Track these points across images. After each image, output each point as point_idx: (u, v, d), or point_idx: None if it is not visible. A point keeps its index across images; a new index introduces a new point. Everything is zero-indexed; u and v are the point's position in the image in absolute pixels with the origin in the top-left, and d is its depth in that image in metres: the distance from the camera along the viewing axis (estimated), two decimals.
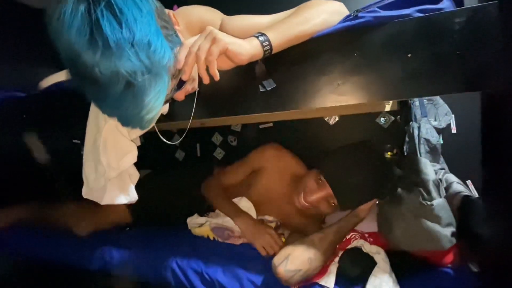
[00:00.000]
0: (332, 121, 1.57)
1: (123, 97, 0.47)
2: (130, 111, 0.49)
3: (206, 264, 0.86)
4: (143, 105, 0.49)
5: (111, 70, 0.44)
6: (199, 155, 1.92)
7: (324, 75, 0.59)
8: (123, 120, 0.52)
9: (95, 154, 0.68)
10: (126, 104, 0.48)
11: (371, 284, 0.67)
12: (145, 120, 0.52)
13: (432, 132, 1.28)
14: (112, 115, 0.51)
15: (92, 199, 0.73)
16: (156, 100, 0.50)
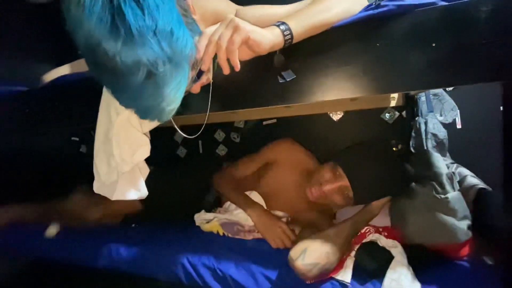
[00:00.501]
0: (336, 117, 1.56)
1: (143, 87, 0.45)
2: (150, 103, 0.48)
3: (218, 260, 0.85)
4: (164, 96, 0.48)
5: (132, 59, 0.42)
6: (201, 152, 1.90)
7: (345, 66, 0.58)
8: (142, 112, 0.50)
9: (107, 147, 0.66)
10: (146, 95, 0.46)
11: (389, 277, 0.66)
12: (165, 112, 0.50)
13: (439, 127, 1.28)
14: (130, 106, 0.50)
15: (103, 194, 0.71)
16: (177, 91, 0.49)
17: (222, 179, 1.11)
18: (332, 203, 0.90)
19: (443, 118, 1.34)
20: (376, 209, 0.85)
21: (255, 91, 0.65)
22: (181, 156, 1.97)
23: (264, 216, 0.93)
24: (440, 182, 0.82)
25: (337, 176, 0.85)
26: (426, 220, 0.76)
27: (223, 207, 1.15)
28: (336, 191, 0.86)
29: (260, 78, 0.64)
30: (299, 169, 1.04)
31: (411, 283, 0.64)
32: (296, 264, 0.71)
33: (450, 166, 0.91)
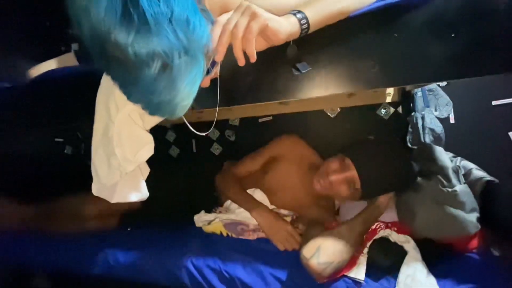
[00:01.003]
0: (333, 114, 1.57)
1: (157, 81, 0.42)
2: (163, 97, 0.44)
3: (224, 262, 0.82)
4: (178, 91, 0.44)
5: (146, 50, 0.39)
6: (195, 151, 1.86)
7: (361, 58, 0.56)
8: (153, 107, 0.46)
9: (107, 146, 0.61)
10: (160, 89, 0.42)
11: (404, 273, 0.65)
12: (178, 108, 0.47)
13: (436, 122, 1.30)
14: (140, 101, 0.46)
15: (103, 197, 0.66)
16: (192, 86, 0.45)
17: (225, 179, 1.08)
18: (338, 195, 0.89)
19: (438, 113, 1.36)
20: (383, 205, 0.84)
21: (266, 85, 0.62)
22: (173, 156, 1.92)
23: (270, 218, 0.91)
24: (446, 176, 0.82)
25: (345, 167, 0.84)
26: (435, 213, 0.76)
27: (224, 206, 1.12)
28: (343, 182, 0.84)
29: (271, 71, 0.61)
30: (304, 165, 1.03)
31: (426, 278, 0.64)
32: (311, 263, 0.69)
33: (453, 159, 0.92)
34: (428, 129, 1.26)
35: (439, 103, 1.39)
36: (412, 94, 1.37)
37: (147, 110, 0.48)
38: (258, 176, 1.07)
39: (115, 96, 0.60)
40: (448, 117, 1.40)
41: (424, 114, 1.28)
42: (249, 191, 1.03)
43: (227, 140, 1.74)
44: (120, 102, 0.60)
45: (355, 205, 0.96)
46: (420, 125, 1.28)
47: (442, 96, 1.38)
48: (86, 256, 0.95)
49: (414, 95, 1.36)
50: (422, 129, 1.27)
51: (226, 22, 0.48)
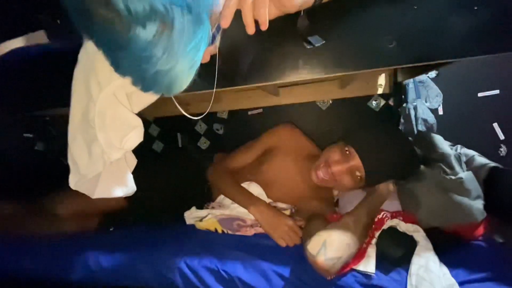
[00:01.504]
0: (324, 106, 1.55)
1: (153, 45, 0.34)
2: (160, 67, 0.36)
3: (221, 261, 0.75)
4: (178, 59, 0.36)
5: (143, 6, 0.31)
6: (181, 145, 1.77)
7: (378, 32, 0.51)
8: (147, 80, 0.38)
9: (87, 131, 0.52)
10: (157, 55, 0.35)
11: (417, 263, 0.62)
12: (178, 81, 0.39)
13: (428, 112, 1.31)
14: (131, 73, 0.38)
15: (82, 191, 0.57)
16: (196, 53, 0.38)
17: (218, 172, 1.01)
18: (339, 186, 0.85)
19: (429, 104, 1.38)
20: (385, 192, 0.81)
21: (272, 63, 0.56)
22: (157, 151, 1.82)
23: (269, 213, 0.85)
24: (449, 163, 0.81)
25: (347, 156, 0.80)
26: (441, 201, 0.74)
27: (216, 202, 1.05)
28: (346, 172, 0.80)
29: (277, 47, 0.55)
30: (301, 155, 0.98)
31: (439, 268, 0.61)
32: (318, 260, 0.63)
33: (452, 147, 0.91)
34: (421, 120, 1.26)
35: (429, 94, 1.40)
36: (404, 85, 1.37)
37: (138, 85, 0.40)
38: (253, 168, 1.01)
39: (97, 72, 0.51)
40: (437, 109, 1.43)
41: (417, 105, 1.29)
42: (244, 185, 0.96)
43: (215, 134, 1.68)
44: (103, 79, 0.51)
45: (354, 196, 0.93)
46: (413, 115, 1.29)
47: (432, 88, 1.40)
48: (62, 261, 0.84)
49: (406, 86, 1.36)
50: (415, 119, 1.28)
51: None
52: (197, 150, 1.68)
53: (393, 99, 1.45)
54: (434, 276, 0.59)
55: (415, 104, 1.30)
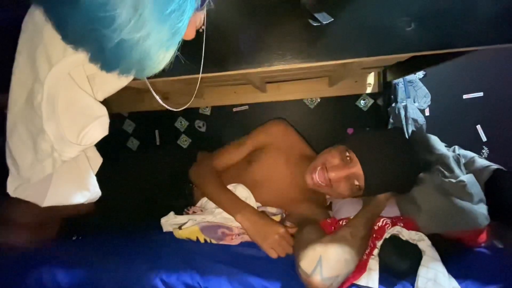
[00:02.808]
0: (312, 104, 1.51)
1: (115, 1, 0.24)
2: (127, 34, 0.26)
3: (203, 276, 0.65)
4: (153, 26, 0.26)
5: None
6: (159, 143, 1.66)
7: (394, 12, 0.44)
8: (110, 55, 0.27)
9: (32, 120, 0.40)
10: (122, 17, 0.25)
11: (424, 276, 0.56)
12: (152, 56, 0.29)
13: (418, 112, 1.28)
14: (85, 41, 0.27)
15: (26, 198, 0.44)
16: (178, 17, 0.28)
17: (202, 172, 0.90)
18: (334, 193, 0.78)
19: (417, 104, 1.36)
20: (384, 200, 0.75)
21: (269, 44, 0.47)
22: (132, 149, 1.69)
23: (257, 221, 0.76)
24: (447, 165, 0.76)
25: (347, 162, 0.72)
26: (442, 206, 0.69)
27: (198, 205, 0.94)
28: (343, 179, 0.73)
29: (276, 25, 0.46)
30: (293, 155, 0.90)
31: (449, 282, 0.55)
32: (314, 280, 0.55)
33: (449, 148, 0.88)
34: (411, 119, 1.23)
35: (418, 94, 1.38)
36: (393, 85, 1.34)
37: (97, 61, 0.29)
38: (240, 167, 0.91)
39: (46, 45, 0.39)
40: (424, 109, 1.42)
41: (407, 105, 1.26)
42: (230, 187, 0.86)
43: (196, 131, 1.59)
44: (54, 53, 0.39)
45: (349, 200, 0.86)
46: (403, 115, 1.26)
47: (420, 88, 1.39)
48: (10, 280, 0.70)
49: (396, 86, 1.33)
50: (405, 119, 1.25)
51: None
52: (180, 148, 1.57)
53: (382, 99, 1.43)
54: None
55: (405, 104, 1.27)
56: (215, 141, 1.47)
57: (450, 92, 1.42)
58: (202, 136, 1.59)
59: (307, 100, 1.50)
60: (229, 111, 1.54)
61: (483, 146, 1.44)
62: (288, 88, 1.45)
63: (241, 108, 1.55)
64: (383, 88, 1.38)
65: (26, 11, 0.48)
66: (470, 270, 0.60)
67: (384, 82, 1.37)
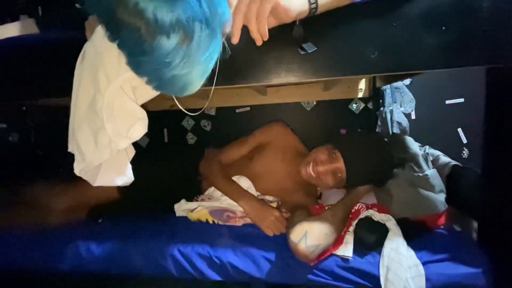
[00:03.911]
0: (308, 107, 1.63)
1: (174, 53, 0.39)
2: (177, 72, 0.41)
3: (213, 248, 0.80)
4: (194, 66, 0.41)
5: (170, 17, 0.36)
6: (167, 141, 1.78)
7: (363, 43, 0.58)
8: (163, 82, 0.43)
9: (94, 120, 0.55)
10: (176, 62, 0.40)
11: (388, 247, 0.71)
12: (190, 85, 0.44)
13: (402, 116, 1.43)
14: (150, 74, 0.42)
15: (85, 178, 0.60)
16: (208, 62, 0.43)
17: (211, 165, 1.06)
18: (322, 184, 0.93)
19: (403, 109, 1.50)
20: (361, 192, 0.91)
21: (269, 64, 0.62)
22: (142, 146, 1.81)
23: (257, 205, 0.91)
24: (417, 162, 0.91)
25: (333, 159, 0.88)
26: (410, 195, 0.83)
27: (206, 194, 1.09)
28: (329, 173, 0.89)
29: (275, 50, 0.61)
30: (289, 152, 1.05)
31: (407, 251, 0.70)
32: (300, 247, 0.71)
33: (421, 148, 1.02)
34: (396, 122, 1.38)
35: (404, 99, 1.53)
36: (381, 90, 1.48)
37: (154, 84, 0.44)
38: (243, 162, 1.07)
39: (105, 66, 0.54)
40: (410, 113, 1.55)
41: (392, 109, 1.40)
42: (234, 178, 1.02)
43: (202, 130, 1.69)
44: (111, 72, 0.54)
45: (336, 190, 1.01)
46: (389, 118, 1.40)
47: (406, 94, 1.52)
48: (53, 251, 0.85)
49: (383, 92, 1.47)
50: (391, 122, 1.39)
51: (239, 1, 0.47)
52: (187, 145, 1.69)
53: (372, 103, 1.56)
54: (402, 257, 0.68)
55: (391, 108, 1.41)
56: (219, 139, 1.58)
57: (433, 97, 1.53)
58: (207, 135, 1.68)
59: (304, 103, 1.61)
60: (232, 112, 1.64)
61: (463, 148, 1.55)
62: (286, 92, 1.56)
63: (244, 109, 1.66)
64: (373, 93, 1.51)
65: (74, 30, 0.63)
66: (427, 244, 0.75)
67: (373, 87, 1.50)
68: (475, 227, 0.81)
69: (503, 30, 0.55)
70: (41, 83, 0.74)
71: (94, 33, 0.56)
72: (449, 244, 0.74)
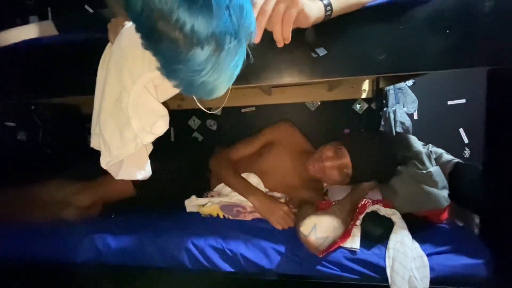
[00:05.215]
0: (313, 107, 1.66)
1: (206, 62, 0.43)
2: (206, 78, 0.45)
3: (226, 240, 0.83)
4: (221, 73, 0.45)
5: (206, 32, 0.40)
6: (173, 139, 1.81)
7: (371, 45, 0.62)
8: (193, 87, 0.47)
9: (119, 117, 0.59)
10: (206, 70, 0.43)
11: (394, 240, 0.75)
12: (217, 90, 0.48)
13: (405, 116, 1.46)
14: (182, 80, 0.46)
15: (110, 172, 0.63)
16: (234, 70, 0.47)
17: (221, 162, 1.09)
18: (329, 179, 0.97)
19: (406, 109, 1.54)
20: (368, 187, 0.94)
21: (281, 66, 0.65)
22: None
23: (266, 201, 0.95)
24: (421, 160, 0.94)
25: (339, 155, 0.92)
26: (414, 191, 0.87)
27: (215, 190, 1.13)
28: (336, 168, 0.92)
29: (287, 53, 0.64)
30: (297, 150, 1.10)
31: (411, 243, 0.74)
32: (310, 239, 0.74)
33: (424, 146, 1.06)
34: (399, 122, 1.41)
35: (407, 100, 1.56)
36: (385, 91, 1.52)
37: (182, 87, 0.48)
38: (252, 159, 1.10)
39: (129, 66, 0.58)
40: (412, 113, 1.59)
41: (396, 109, 1.44)
42: (244, 175, 1.05)
43: (208, 130, 1.72)
44: (135, 72, 0.58)
45: (341, 188, 1.05)
46: (392, 118, 1.44)
47: (409, 94, 1.56)
48: (70, 243, 0.88)
49: (387, 92, 1.51)
50: (394, 122, 1.43)
51: (264, 3, 0.50)
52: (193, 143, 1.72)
53: (375, 103, 1.60)
54: (407, 249, 0.71)
55: (394, 108, 1.45)
56: (225, 138, 1.61)
57: (436, 98, 1.56)
58: (213, 134, 1.71)
59: (308, 103, 1.64)
60: (238, 111, 1.66)
61: (465, 148, 1.58)
62: (291, 92, 1.59)
63: (249, 109, 1.68)
64: (376, 94, 1.55)
65: (95, 32, 0.66)
66: (431, 238, 0.78)
67: (377, 88, 1.54)
68: (476, 222, 0.85)
69: (505, 32, 0.59)
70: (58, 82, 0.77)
71: (120, 35, 0.60)
72: (452, 237, 0.78)
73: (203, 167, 1.19)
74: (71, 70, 0.75)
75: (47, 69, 0.77)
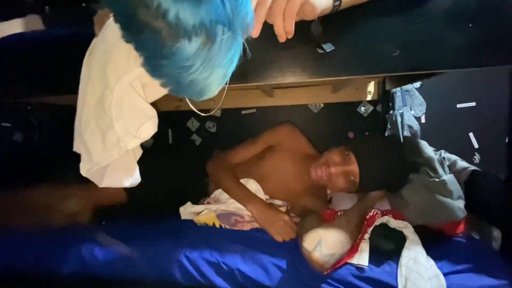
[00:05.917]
0: (315, 109, 1.61)
1: (194, 57, 0.37)
2: (196, 76, 0.38)
3: (221, 253, 0.76)
4: (213, 70, 0.39)
5: (193, 20, 0.34)
6: (171, 142, 1.76)
7: (383, 41, 0.56)
8: (182, 86, 0.40)
9: (102, 118, 0.52)
10: (195, 66, 0.37)
11: (406, 256, 0.67)
12: (209, 89, 0.42)
13: (413, 119, 1.40)
14: (168, 77, 0.40)
15: (92, 179, 0.57)
16: (228, 67, 0.41)
17: (219, 166, 1.03)
18: (334, 186, 0.90)
19: (413, 112, 1.47)
20: (376, 196, 0.87)
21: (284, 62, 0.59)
22: (147, 146, 1.79)
23: (265, 209, 0.88)
24: (433, 167, 0.87)
25: (346, 161, 0.85)
26: (426, 201, 0.80)
27: (212, 197, 1.06)
28: (342, 175, 0.86)
29: (290, 48, 0.58)
30: (299, 154, 1.03)
31: (426, 260, 0.67)
32: (314, 256, 0.67)
33: (436, 152, 0.99)
34: (407, 126, 1.35)
35: (414, 103, 1.50)
36: (392, 93, 1.45)
37: (170, 87, 0.42)
38: (252, 163, 1.04)
39: (114, 61, 0.51)
40: (420, 117, 1.52)
41: (403, 112, 1.37)
42: (242, 181, 0.98)
43: (207, 132, 1.68)
44: (121, 68, 0.51)
45: (347, 195, 0.98)
46: (399, 122, 1.37)
47: (417, 97, 1.50)
48: (55, 254, 0.82)
49: (393, 94, 1.44)
50: (401, 126, 1.36)
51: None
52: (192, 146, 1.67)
53: (381, 106, 1.53)
54: (422, 267, 0.64)
55: (402, 111, 1.38)
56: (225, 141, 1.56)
57: (444, 101, 1.51)
58: (212, 136, 1.67)
59: (311, 105, 1.59)
60: (238, 113, 1.62)
61: (475, 153, 1.52)
62: (293, 93, 1.54)
63: (249, 111, 1.64)
64: (382, 96, 1.49)
65: (80, 26, 0.61)
66: (446, 253, 0.71)
67: (383, 90, 1.48)
68: (495, 236, 0.77)
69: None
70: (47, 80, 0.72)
71: (104, 28, 0.54)
72: (471, 254, 0.71)
73: (200, 172, 1.12)
74: (56, 67, 0.70)
75: (28, 66, 0.71)
